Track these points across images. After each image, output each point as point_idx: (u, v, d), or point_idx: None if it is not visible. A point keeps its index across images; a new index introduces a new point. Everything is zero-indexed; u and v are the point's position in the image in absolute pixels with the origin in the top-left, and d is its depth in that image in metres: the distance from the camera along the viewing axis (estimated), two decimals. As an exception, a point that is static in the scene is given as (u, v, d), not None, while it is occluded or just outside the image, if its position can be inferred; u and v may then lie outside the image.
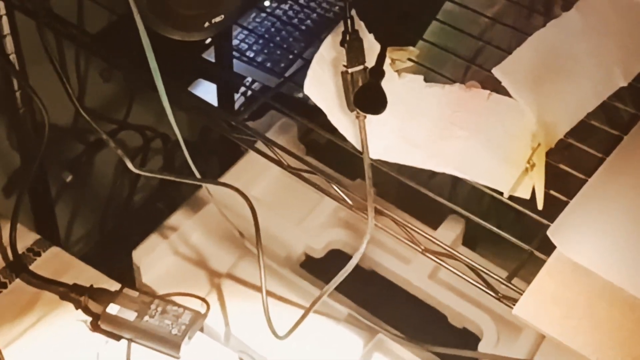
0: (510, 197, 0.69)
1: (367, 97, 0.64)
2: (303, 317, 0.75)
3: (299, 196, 0.95)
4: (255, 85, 1.10)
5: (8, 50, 0.90)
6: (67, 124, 1.02)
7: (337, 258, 0.90)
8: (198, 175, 0.83)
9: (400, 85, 0.73)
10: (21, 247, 0.90)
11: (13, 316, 0.85)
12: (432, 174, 0.78)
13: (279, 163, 0.76)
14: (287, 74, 1.03)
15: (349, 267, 0.70)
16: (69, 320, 0.84)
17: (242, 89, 1.14)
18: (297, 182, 0.96)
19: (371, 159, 0.68)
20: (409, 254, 0.87)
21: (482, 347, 0.80)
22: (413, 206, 0.83)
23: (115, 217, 1.11)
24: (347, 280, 0.76)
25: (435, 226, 0.91)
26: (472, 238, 0.91)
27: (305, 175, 0.75)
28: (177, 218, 0.93)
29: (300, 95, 1.09)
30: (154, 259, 0.90)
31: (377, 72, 0.64)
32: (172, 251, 0.91)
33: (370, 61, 0.69)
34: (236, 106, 1.15)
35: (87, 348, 0.82)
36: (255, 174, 0.96)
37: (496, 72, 0.70)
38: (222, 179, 0.94)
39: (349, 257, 0.90)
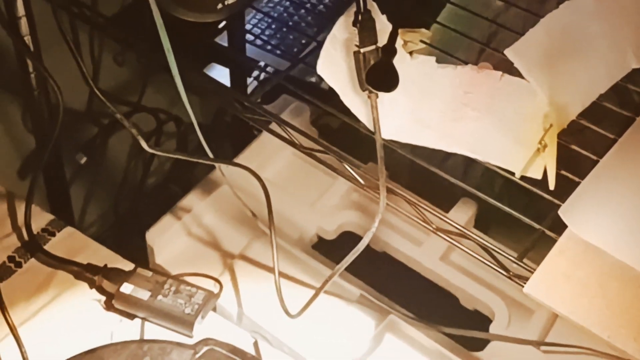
0: (522, 178, 0.69)
1: (379, 75, 0.64)
2: (315, 296, 0.76)
3: (311, 178, 0.95)
4: (268, 69, 1.11)
5: (23, 32, 0.91)
6: (81, 106, 1.03)
7: (349, 240, 0.91)
8: (211, 156, 0.84)
9: (413, 66, 0.73)
10: (36, 227, 0.91)
11: (28, 295, 0.86)
12: (444, 157, 0.79)
13: (292, 144, 0.76)
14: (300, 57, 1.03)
15: (361, 246, 0.70)
16: (83, 299, 0.85)
17: (255, 72, 1.14)
18: (309, 164, 0.97)
19: (383, 139, 0.68)
20: (421, 236, 0.87)
21: (494, 329, 0.81)
22: (425, 189, 0.84)
23: (129, 199, 1.12)
24: (359, 262, 0.77)
25: (446, 209, 0.91)
26: (484, 221, 0.91)
27: (318, 155, 0.76)
28: (191, 199, 0.94)
29: (313, 79, 1.10)
30: (168, 240, 0.91)
31: (389, 50, 0.64)
32: (185, 232, 0.92)
33: (383, 42, 0.70)
34: (249, 90, 1.15)
35: (101, 327, 0.83)
36: (268, 156, 0.97)
37: (509, 53, 0.70)
38: (235, 161, 0.94)
39: (360, 239, 0.92)
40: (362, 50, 0.67)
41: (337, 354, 0.80)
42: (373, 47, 0.67)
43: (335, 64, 0.71)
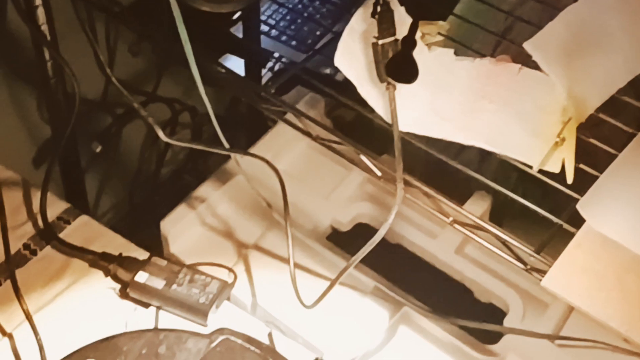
0: (539, 171, 0.69)
1: (399, 66, 0.64)
2: (330, 287, 0.76)
3: (325, 170, 0.95)
4: (283, 61, 1.11)
5: (40, 21, 0.91)
6: (97, 95, 1.03)
7: (363, 231, 0.91)
8: (227, 146, 0.84)
9: (430, 58, 0.73)
10: (51, 216, 0.91)
11: (43, 283, 0.86)
12: (459, 151, 0.79)
13: (308, 134, 0.76)
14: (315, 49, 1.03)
15: (377, 238, 0.70)
16: (98, 287, 0.86)
17: (270, 64, 1.14)
18: (324, 156, 0.97)
19: (400, 131, 0.68)
20: (436, 229, 0.87)
21: (508, 322, 0.81)
22: (439, 183, 0.84)
23: (144, 188, 1.12)
24: (374, 254, 0.77)
25: (460, 203, 0.91)
26: (499, 215, 0.91)
27: (335, 147, 0.76)
28: (205, 189, 0.94)
29: (328, 71, 1.10)
30: (182, 230, 0.91)
31: (410, 41, 0.64)
32: (199, 222, 0.92)
33: (401, 33, 0.69)
34: (263, 81, 1.15)
35: (116, 315, 0.83)
36: (282, 147, 0.97)
37: (527, 46, 0.70)
38: (250, 151, 0.94)
39: (375, 231, 0.91)
40: (380, 42, 0.67)
41: (351, 345, 0.80)
42: (392, 39, 0.67)
43: (353, 56, 0.71)
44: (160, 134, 0.76)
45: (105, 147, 1.06)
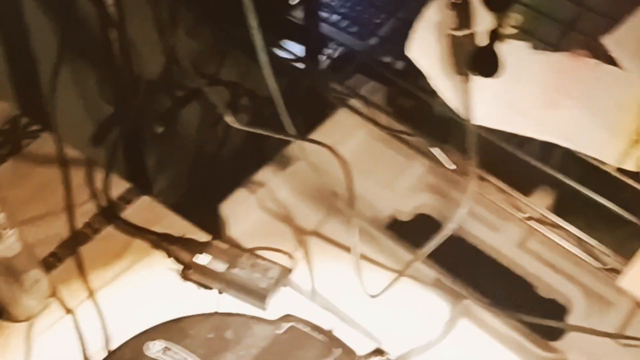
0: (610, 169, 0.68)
1: (482, 59, 0.64)
2: (396, 278, 0.76)
3: (386, 159, 0.95)
4: (342, 48, 1.10)
5: (107, 2, 0.92)
6: (160, 77, 1.04)
7: (424, 222, 0.90)
8: (292, 132, 0.84)
9: (505, 51, 0.72)
10: (113, 195, 0.92)
11: (105, 262, 0.87)
12: (520, 144, 0.78)
13: (375, 123, 0.76)
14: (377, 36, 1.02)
15: (447, 231, 0.70)
16: (160, 268, 0.86)
17: (329, 51, 1.13)
18: (384, 145, 0.97)
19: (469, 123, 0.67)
20: (498, 222, 0.87)
21: (571, 319, 0.80)
22: (501, 178, 0.83)
23: (203, 170, 1.13)
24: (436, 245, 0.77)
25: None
26: (562, 211, 0.90)
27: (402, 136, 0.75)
28: (265, 174, 0.94)
29: (388, 59, 1.09)
30: (241, 213, 0.92)
31: (495, 34, 0.64)
32: (259, 206, 0.93)
33: (478, 26, 0.69)
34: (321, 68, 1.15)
35: (177, 296, 0.84)
36: (343, 135, 0.96)
37: (607, 41, 0.69)
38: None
39: (436, 222, 0.91)
40: (457, 33, 0.66)
41: (410, 336, 0.80)
42: (469, 31, 0.66)
43: (426, 46, 0.70)
44: (229, 119, 0.76)
45: (166, 128, 1.06)
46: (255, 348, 0.64)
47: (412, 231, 0.88)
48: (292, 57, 1.04)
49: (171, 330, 0.67)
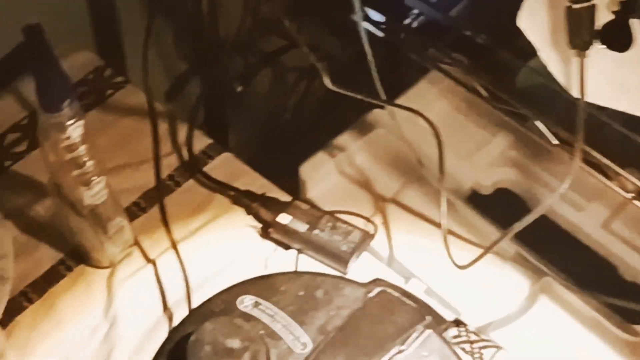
0: None
1: (613, 32, 0.62)
2: (483, 253, 0.75)
3: (467, 131, 0.94)
4: (422, 19, 1.09)
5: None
6: (242, 36, 1.04)
7: (505, 197, 0.90)
8: (384, 97, 0.84)
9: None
10: (195, 150, 0.93)
11: (186, 215, 0.88)
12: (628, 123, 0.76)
13: (474, 91, 0.75)
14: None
15: (541, 209, 0.69)
16: (239, 224, 0.87)
17: (408, 20, 1.12)
18: (466, 116, 0.96)
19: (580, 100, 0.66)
20: (582, 201, 0.86)
21: (654, 303, 0.79)
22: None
23: (282, 131, 1.13)
24: (515, 220, 0.76)
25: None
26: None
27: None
28: (345, 138, 0.94)
29: (468, 32, 1.08)
30: (320, 176, 0.92)
31: (630, 6, 0.62)
32: (337, 170, 0.93)
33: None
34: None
35: (256, 253, 0.85)
36: (426, 103, 0.95)
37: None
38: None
39: (517, 198, 0.90)
40: (576, 6, 0.65)
41: (489, 309, 0.80)
42: (589, 3, 0.65)
43: (538, 18, 0.69)
44: (327, 81, 0.76)
45: (246, 87, 1.06)
46: (346, 309, 0.65)
47: (492, 206, 0.88)
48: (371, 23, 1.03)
49: (262, 285, 0.67)
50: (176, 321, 0.78)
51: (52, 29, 0.68)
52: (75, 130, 0.73)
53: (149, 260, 0.84)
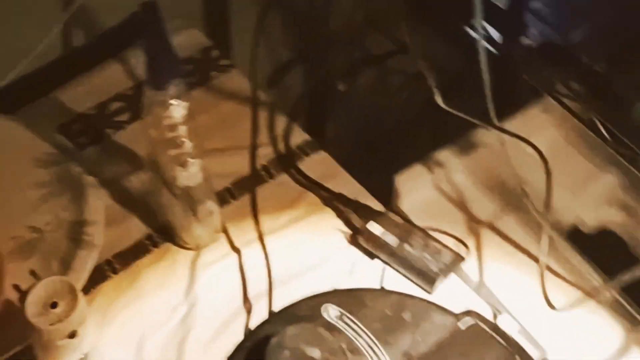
0: None
1: None
2: (583, 301, 0.72)
3: (575, 163, 0.90)
4: (542, 39, 1.05)
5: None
6: (351, 34, 1.02)
7: (609, 239, 0.85)
8: (495, 120, 0.80)
9: None
10: (292, 144, 0.92)
11: (276, 208, 0.87)
12: None
13: (586, 122, 0.71)
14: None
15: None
16: (328, 226, 0.85)
17: (527, 40, 1.08)
18: (575, 147, 0.92)
19: None
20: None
21: None
22: None
23: (382, 137, 1.11)
24: (619, 265, 0.72)
25: None
26: None
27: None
28: (446, 154, 0.91)
29: (586, 59, 1.03)
30: (415, 188, 0.89)
31: None
32: (434, 185, 0.90)
33: None
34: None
35: (342, 259, 0.82)
36: (535, 129, 0.92)
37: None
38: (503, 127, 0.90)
39: (621, 241, 0.86)
40: None
41: (579, 354, 0.76)
42: None
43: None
44: (439, 101, 0.73)
45: (349, 87, 1.04)
46: (433, 336, 0.62)
47: (594, 246, 0.83)
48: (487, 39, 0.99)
49: (348, 297, 0.66)
50: (254, 316, 0.77)
51: (166, 5, 0.67)
52: (177, 110, 0.72)
53: (235, 249, 0.83)
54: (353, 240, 0.83)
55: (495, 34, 1.09)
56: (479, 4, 0.68)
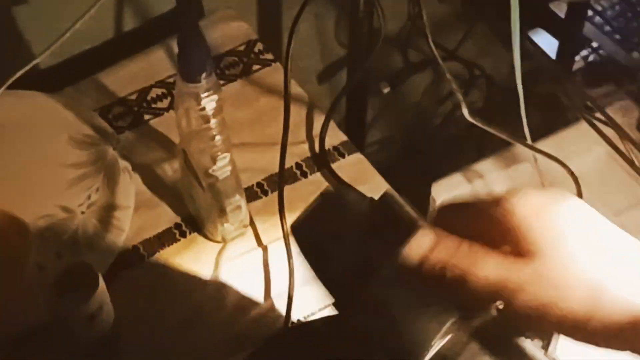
0: None
1: None
2: None
3: (621, 185, 0.86)
4: (601, 53, 1.01)
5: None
6: (398, 37, 1.00)
7: None
8: (529, 141, 0.78)
9: None
10: (328, 144, 0.90)
11: (303, 206, 0.85)
12: None
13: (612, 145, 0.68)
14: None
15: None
16: (357, 231, 0.84)
17: (584, 52, 1.04)
18: (622, 169, 0.88)
19: None
20: None
21: None
22: None
23: (422, 144, 1.09)
24: None
25: None
26: None
27: None
28: (485, 165, 0.89)
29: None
30: (452, 198, 0.87)
31: None
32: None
33: None
34: (573, 68, 1.06)
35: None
36: (577, 149, 0.89)
37: None
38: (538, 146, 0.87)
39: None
40: None
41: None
42: None
43: None
44: (466, 113, 0.71)
45: (393, 89, 1.03)
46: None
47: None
48: (543, 51, 0.97)
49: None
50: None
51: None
52: (209, 103, 0.72)
53: (261, 245, 0.82)
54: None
55: (548, 43, 1.05)
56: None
